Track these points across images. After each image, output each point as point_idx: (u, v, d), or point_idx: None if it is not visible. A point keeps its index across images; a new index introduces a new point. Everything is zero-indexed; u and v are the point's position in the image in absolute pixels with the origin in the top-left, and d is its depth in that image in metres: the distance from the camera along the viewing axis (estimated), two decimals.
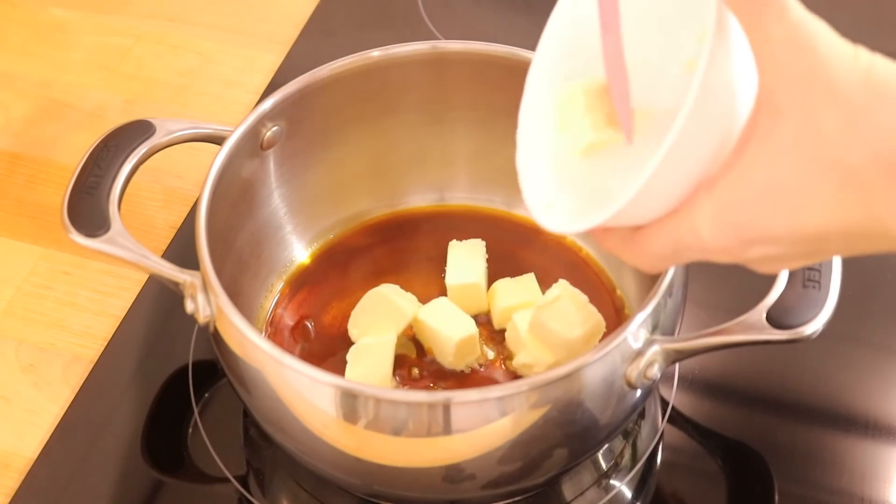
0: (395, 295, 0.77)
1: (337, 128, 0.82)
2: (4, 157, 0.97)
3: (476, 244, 0.81)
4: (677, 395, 0.80)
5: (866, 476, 0.76)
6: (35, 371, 0.83)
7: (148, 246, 0.73)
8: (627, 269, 0.80)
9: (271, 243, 0.82)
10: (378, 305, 0.76)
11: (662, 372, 0.66)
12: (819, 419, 0.80)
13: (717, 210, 0.48)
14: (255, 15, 1.09)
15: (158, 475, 0.78)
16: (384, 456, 0.66)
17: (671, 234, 0.50)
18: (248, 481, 0.77)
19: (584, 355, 0.64)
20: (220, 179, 0.73)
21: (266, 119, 0.77)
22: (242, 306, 0.77)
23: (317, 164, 0.82)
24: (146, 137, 0.77)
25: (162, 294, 0.84)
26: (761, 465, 0.77)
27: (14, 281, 0.89)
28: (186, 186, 0.94)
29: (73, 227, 0.73)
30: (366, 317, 0.76)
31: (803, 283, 0.68)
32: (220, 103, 1.01)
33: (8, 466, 0.78)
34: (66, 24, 1.09)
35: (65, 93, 1.02)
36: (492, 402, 0.63)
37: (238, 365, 0.68)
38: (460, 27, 1.04)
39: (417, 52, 0.80)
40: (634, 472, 0.77)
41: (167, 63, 1.05)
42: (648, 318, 0.66)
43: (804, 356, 0.81)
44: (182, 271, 0.71)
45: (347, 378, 0.73)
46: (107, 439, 0.79)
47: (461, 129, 0.83)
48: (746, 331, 0.67)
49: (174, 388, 0.81)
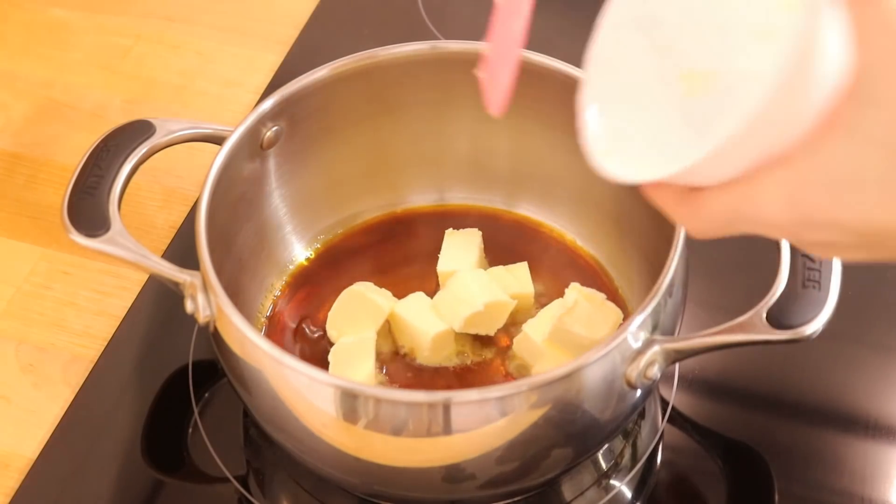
0: (371, 292, 0.77)
1: (337, 128, 0.82)
2: (4, 157, 0.97)
3: (472, 233, 0.82)
4: (677, 395, 0.80)
5: (867, 476, 0.76)
6: (35, 371, 0.83)
7: (148, 246, 0.73)
8: (628, 268, 0.80)
9: (271, 243, 0.82)
10: (354, 304, 0.77)
11: (662, 372, 0.66)
12: (819, 419, 0.80)
13: (790, 187, 0.47)
14: (255, 15, 1.09)
15: (158, 475, 0.78)
16: (384, 456, 0.66)
17: (733, 201, 0.49)
18: (248, 481, 0.77)
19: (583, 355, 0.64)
20: (220, 179, 0.73)
21: (266, 119, 0.77)
22: (242, 306, 0.77)
23: (317, 163, 0.82)
24: (146, 137, 0.77)
25: (162, 294, 0.84)
26: (761, 465, 0.77)
27: (14, 281, 0.89)
28: (186, 186, 0.94)
29: (73, 227, 0.73)
30: (343, 316, 0.77)
31: (803, 283, 0.68)
32: (220, 103, 1.01)
33: (8, 466, 0.78)
34: (66, 24, 1.09)
35: (65, 93, 1.02)
36: (492, 402, 0.63)
37: (238, 365, 0.68)
38: (460, 27, 1.04)
39: (417, 52, 0.80)
40: (634, 472, 0.77)
41: (167, 63, 1.05)
42: (648, 318, 0.66)
43: (804, 356, 0.81)
44: (182, 271, 0.71)
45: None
46: (107, 439, 0.79)
47: (461, 129, 0.83)
48: (746, 331, 0.67)
49: (174, 388, 0.81)
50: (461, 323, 0.75)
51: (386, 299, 0.77)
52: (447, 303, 0.76)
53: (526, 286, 0.78)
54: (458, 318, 0.75)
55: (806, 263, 0.69)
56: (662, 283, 0.66)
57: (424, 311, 0.76)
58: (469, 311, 0.75)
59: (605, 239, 0.82)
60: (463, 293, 0.76)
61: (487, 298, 0.75)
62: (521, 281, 0.79)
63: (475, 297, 0.75)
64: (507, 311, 0.77)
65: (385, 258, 0.84)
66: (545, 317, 0.75)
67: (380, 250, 0.84)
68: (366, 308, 0.76)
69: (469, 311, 0.75)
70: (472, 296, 0.76)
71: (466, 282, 0.77)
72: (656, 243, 0.72)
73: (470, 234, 0.82)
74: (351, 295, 0.77)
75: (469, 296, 0.76)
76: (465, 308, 0.75)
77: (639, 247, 0.78)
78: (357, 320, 0.76)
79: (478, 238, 0.81)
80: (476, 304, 0.75)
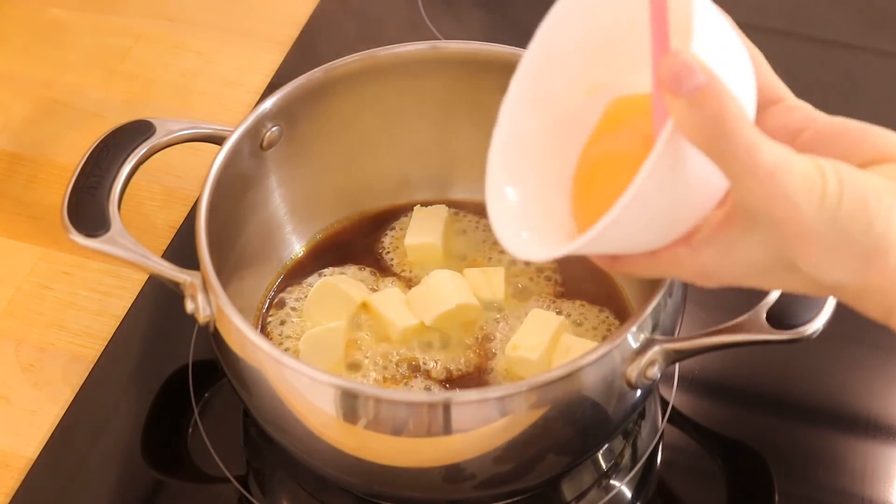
0: (344, 283, 0.78)
1: (337, 128, 0.82)
2: (4, 157, 0.97)
3: (439, 209, 0.83)
4: (677, 395, 0.80)
5: (867, 476, 0.76)
6: (35, 371, 0.83)
7: (148, 246, 0.73)
8: None
9: (271, 243, 0.82)
10: (327, 294, 0.77)
11: (662, 372, 0.66)
12: (819, 419, 0.80)
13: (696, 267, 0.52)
14: (255, 15, 1.09)
15: (158, 475, 0.78)
16: (384, 456, 0.66)
17: (652, 269, 0.53)
18: (248, 481, 0.77)
19: (583, 355, 0.64)
20: (220, 179, 0.73)
21: (266, 119, 0.77)
22: (242, 306, 0.77)
23: (317, 164, 0.82)
24: (146, 137, 0.78)
25: (162, 294, 0.84)
26: (761, 465, 0.77)
27: (14, 281, 0.89)
28: (186, 186, 0.94)
29: (73, 227, 0.73)
30: (317, 307, 0.77)
31: None
32: (220, 103, 1.01)
33: (8, 466, 0.78)
34: (66, 24, 1.09)
35: (65, 93, 1.02)
36: (492, 403, 0.63)
37: (238, 365, 0.68)
38: (460, 27, 1.04)
39: (417, 52, 0.80)
40: (634, 472, 0.77)
41: (167, 63, 1.05)
42: (648, 318, 0.66)
43: (804, 356, 0.81)
44: (182, 271, 0.71)
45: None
46: (107, 439, 0.79)
47: (461, 129, 0.83)
48: (746, 331, 0.67)
49: (174, 388, 0.81)
50: (432, 320, 0.76)
51: (358, 290, 0.78)
52: (421, 299, 0.77)
53: (497, 292, 0.78)
54: (430, 315, 0.76)
55: None
56: (662, 284, 0.66)
57: (398, 305, 0.77)
58: (442, 309, 0.76)
59: None
60: (438, 292, 0.77)
61: (461, 300, 0.76)
62: (494, 286, 0.79)
63: (450, 296, 0.76)
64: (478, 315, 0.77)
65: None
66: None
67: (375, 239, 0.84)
68: (338, 298, 0.77)
69: (442, 309, 0.76)
70: (446, 295, 0.76)
71: (444, 280, 0.77)
72: None
73: (437, 210, 0.83)
74: (324, 286, 0.78)
75: (444, 295, 0.76)
76: (439, 305, 0.76)
77: None
78: (329, 310, 0.77)
79: (444, 213, 0.83)
80: (450, 302, 0.76)
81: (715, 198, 0.51)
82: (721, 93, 0.47)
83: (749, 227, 0.49)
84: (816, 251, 0.48)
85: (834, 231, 0.47)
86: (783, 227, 0.48)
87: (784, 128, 0.53)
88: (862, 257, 0.48)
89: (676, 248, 0.52)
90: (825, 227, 0.47)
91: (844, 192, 0.47)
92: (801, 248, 0.48)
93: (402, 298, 0.77)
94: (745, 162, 0.47)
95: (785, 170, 0.47)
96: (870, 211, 0.47)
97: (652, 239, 0.52)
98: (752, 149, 0.47)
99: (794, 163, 0.47)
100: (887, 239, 0.48)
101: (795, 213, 0.47)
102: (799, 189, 0.47)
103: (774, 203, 0.47)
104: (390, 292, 0.78)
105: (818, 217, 0.47)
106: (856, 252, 0.48)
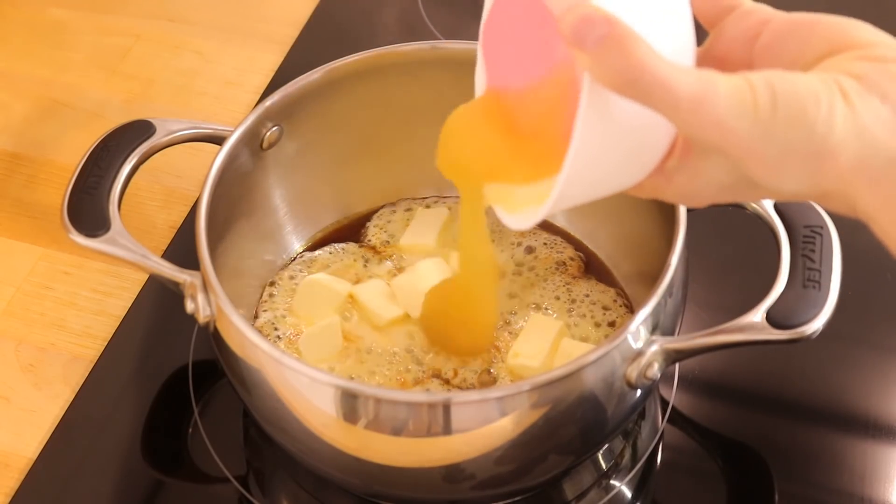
0: (328, 280, 0.78)
1: (337, 128, 0.82)
2: (4, 157, 0.97)
3: (440, 211, 0.84)
4: (677, 395, 0.80)
5: (866, 476, 0.76)
6: (35, 371, 0.83)
7: (148, 246, 0.73)
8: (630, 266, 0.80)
9: (271, 243, 0.82)
10: (314, 292, 0.78)
11: (662, 372, 0.66)
12: (819, 419, 0.80)
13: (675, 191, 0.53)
14: (255, 15, 1.09)
15: (158, 475, 0.78)
16: (384, 456, 0.66)
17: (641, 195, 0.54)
18: (248, 481, 0.77)
19: (583, 355, 0.64)
20: (220, 179, 0.73)
21: (266, 119, 0.77)
22: (242, 306, 0.77)
23: (316, 164, 0.82)
24: (146, 137, 0.78)
25: (162, 294, 0.84)
26: (761, 465, 0.77)
27: (14, 281, 0.89)
28: (186, 186, 0.94)
29: (73, 227, 0.73)
30: (305, 305, 0.78)
31: (803, 283, 0.68)
32: (220, 103, 1.01)
33: (8, 466, 0.78)
34: (66, 24, 1.09)
35: (65, 93, 1.02)
36: (492, 403, 0.63)
37: (238, 365, 0.68)
38: (460, 27, 1.04)
39: (417, 52, 0.80)
40: (634, 472, 0.77)
41: (167, 63, 1.05)
42: (648, 318, 0.66)
43: (804, 356, 0.81)
44: (182, 271, 0.71)
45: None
46: (107, 439, 0.79)
47: None
48: (746, 331, 0.67)
49: (174, 388, 0.81)
50: (417, 310, 0.76)
51: (342, 284, 0.78)
52: (404, 289, 0.77)
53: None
54: (415, 306, 0.76)
55: (806, 263, 0.69)
56: (662, 283, 0.66)
57: (382, 297, 0.77)
58: None
59: (606, 238, 0.82)
60: (421, 281, 0.77)
61: None
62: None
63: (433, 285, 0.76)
64: None
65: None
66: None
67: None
68: (324, 295, 0.78)
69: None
70: (430, 284, 0.76)
71: (428, 269, 0.78)
72: (656, 243, 0.72)
73: (437, 212, 0.84)
74: (309, 284, 0.78)
75: (427, 284, 0.76)
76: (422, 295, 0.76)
77: (639, 246, 0.78)
78: (318, 307, 0.77)
79: (443, 216, 0.83)
80: None
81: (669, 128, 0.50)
82: (623, 38, 0.46)
83: (703, 153, 0.50)
84: (763, 166, 0.47)
85: (774, 144, 0.46)
86: (725, 151, 0.47)
87: (742, 34, 0.52)
88: (810, 164, 0.47)
89: (654, 179, 0.53)
90: (764, 142, 0.46)
91: (778, 103, 0.46)
92: (749, 165, 0.47)
93: (387, 290, 0.78)
94: (665, 99, 0.46)
95: (710, 95, 0.46)
96: (808, 117, 0.46)
97: (625, 179, 0.52)
98: (667, 84, 0.46)
99: (720, 85, 0.46)
100: (831, 142, 0.46)
101: (731, 136, 0.46)
102: (729, 111, 0.46)
103: (709, 130, 0.46)
104: (374, 283, 0.79)
105: (754, 133, 0.46)
106: (802, 161, 0.47)
